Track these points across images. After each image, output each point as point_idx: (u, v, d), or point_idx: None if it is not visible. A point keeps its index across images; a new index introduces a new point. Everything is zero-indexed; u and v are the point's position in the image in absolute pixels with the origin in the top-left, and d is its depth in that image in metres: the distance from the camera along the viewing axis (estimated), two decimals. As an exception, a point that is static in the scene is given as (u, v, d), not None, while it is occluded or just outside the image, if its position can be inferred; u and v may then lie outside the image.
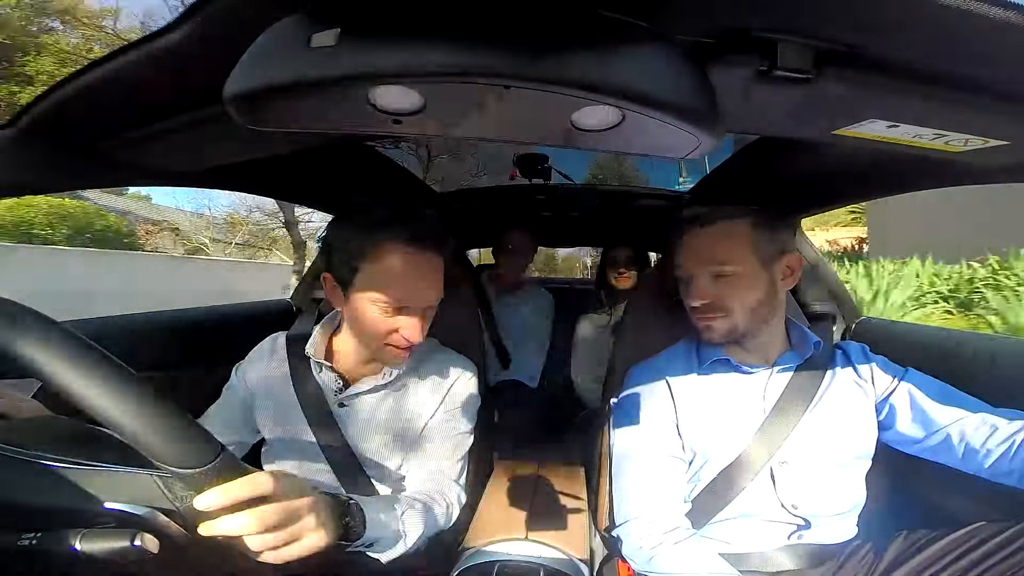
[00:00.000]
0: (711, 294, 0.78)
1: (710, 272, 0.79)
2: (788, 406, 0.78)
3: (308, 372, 0.81)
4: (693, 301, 0.80)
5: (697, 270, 0.80)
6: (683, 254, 0.82)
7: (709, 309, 0.79)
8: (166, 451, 0.37)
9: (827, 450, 0.77)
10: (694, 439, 0.80)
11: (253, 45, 0.36)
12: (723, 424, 0.79)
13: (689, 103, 0.37)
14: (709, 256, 0.79)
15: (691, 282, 0.81)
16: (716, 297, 0.78)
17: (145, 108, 0.55)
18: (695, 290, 0.80)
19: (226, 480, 0.40)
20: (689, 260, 0.81)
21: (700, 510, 0.78)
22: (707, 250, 0.79)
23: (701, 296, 0.79)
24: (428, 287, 0.72)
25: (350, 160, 1.12)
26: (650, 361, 0.91)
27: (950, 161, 0.58)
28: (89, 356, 0.35)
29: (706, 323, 0.80)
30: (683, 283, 0.83)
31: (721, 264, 0.78)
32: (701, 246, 0.80)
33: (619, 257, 1.78)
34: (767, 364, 0.82)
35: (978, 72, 0.41)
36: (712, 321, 0.79)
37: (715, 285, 0.78)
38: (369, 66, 0.33)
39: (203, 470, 0.39)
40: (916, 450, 0.77)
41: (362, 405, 0.81)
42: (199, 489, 0.39)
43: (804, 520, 0.75)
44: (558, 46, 0.33)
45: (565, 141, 0.43)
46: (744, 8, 0.37)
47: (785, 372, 0.81)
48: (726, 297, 0.78)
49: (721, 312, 0.78)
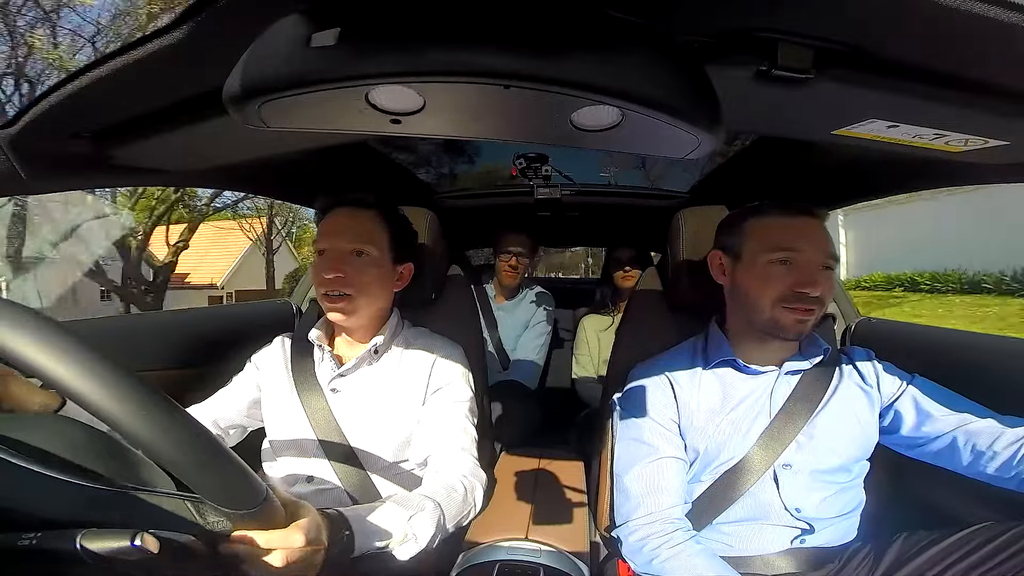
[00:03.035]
0: (822, 284, 0.73)
1: (824, 262, 0.75)
2: (794, 409, 0.78)
3: (307, 362, 0.87)
4: (811, 289, 0.73)
5: (814, 257, 0.74)
6: (792, 236, 0.75)
7: (818, 302, 0.74)
8: (218, 494, 0.40)
9: (831, 454, 0.76)
10: (697, 440, 0.80)
11: (253, 45, 0.36)
12: (727, 425, 0.79)
13: (689, 103, 0.37)
14: (826, 245, 0.75)
15: (801, 268, 0.74)
16: (824, 289, 0.74)
17: (145, 108, 0.55)
18: (811, 276, 0.73)
19: (264, 521, 0.43)
20: (804, 243, 0.75)
21: (702, 511, 0.78)
22: (823, 239, 0.75)
23: (818, 283, 0.73)
24: (339, 233, 0.82)
25: (350, 160, 1.12)
26: (653, 360, 0.90)
27: (950, 161, 0.58)
28: (154, 399, 0.36)
29: (804, 316, 0.74)
30: (783, 268, 0.75)
31: (831, 257, 0.75)
32: (817, 233, 0.76)
33: (623, 257, 1.80)
34: (775, 366, 0.81)
35: (978, 72, 0.41)
36: (810, 315, 0.74)
37: (824, 276, 0.74)
38: (369, 66, 0.33)
39: (247, 512, 0.41)
40: (920, 454, 0.76)
41: (352, 389, 0.85)
42: (239, 527, 0.43)
43: (807, 524, 0.75)
44: (558, 46, 0.33)
45: (565, 141, 0.43)
46: (744, 8, 0.37)
47: (793, 375, 0.81)
48: (827, 291, 0.74)
49: (820, 305, 0.74)
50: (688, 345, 0.90)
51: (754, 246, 0.78)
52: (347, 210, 0.83)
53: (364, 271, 0.80)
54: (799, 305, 0.73)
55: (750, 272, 0.78)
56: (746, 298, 0.79)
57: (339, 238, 0.81)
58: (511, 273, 1.79)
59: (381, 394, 0.84)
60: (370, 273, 0.81)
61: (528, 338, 1.84)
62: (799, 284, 0.73)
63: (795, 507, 0.75)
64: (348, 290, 0.79)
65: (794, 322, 0.74)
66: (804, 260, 0.74)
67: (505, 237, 1.77)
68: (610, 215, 1.86)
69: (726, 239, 0.84)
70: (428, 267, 0.98)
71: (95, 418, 0.34)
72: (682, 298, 0.97)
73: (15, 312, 0.33)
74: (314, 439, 0.81)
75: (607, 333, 1.83)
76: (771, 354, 0.82)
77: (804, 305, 0.73)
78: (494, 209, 1.77)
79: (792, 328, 0.75)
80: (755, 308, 0.77)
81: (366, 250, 0.81)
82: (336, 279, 0.78)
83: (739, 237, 0.81)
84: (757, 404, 0.80)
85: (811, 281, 0.72)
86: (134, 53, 0.43)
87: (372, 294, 0.82)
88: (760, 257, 0.77)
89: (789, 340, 0.78)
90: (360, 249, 0.80)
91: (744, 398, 0.80)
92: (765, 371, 0.81)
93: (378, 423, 0.83)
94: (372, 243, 0.81)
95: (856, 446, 0.78)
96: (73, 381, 0.33)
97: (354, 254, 0.80)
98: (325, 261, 0.80)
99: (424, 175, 1.61)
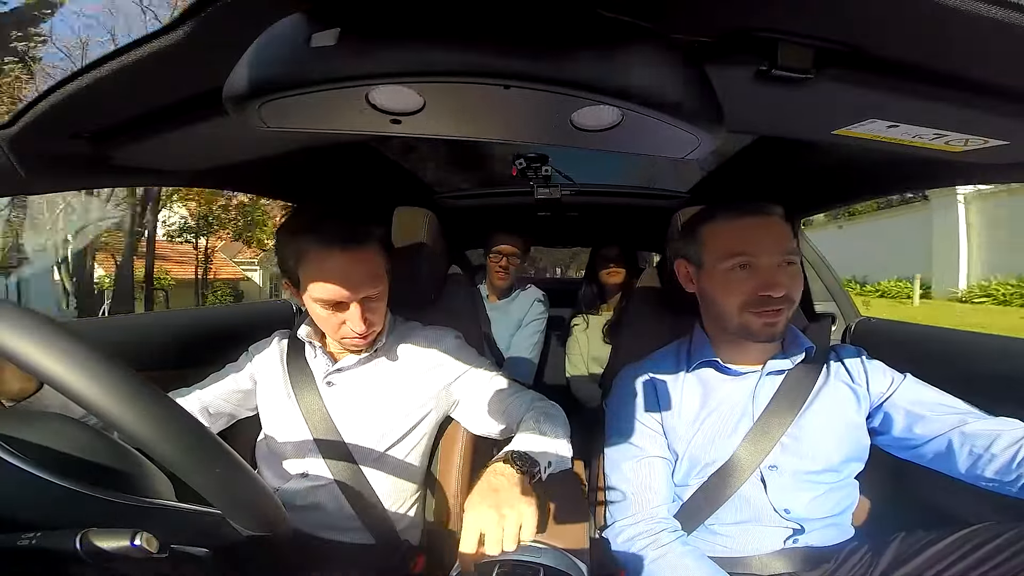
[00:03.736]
0: (784, 284, 0.71)
1: (782, 261, 0.72)
2: (778, 410, 0.77)
3: (301, 356, 0.88)
4: (773, 291, 0.71)
5: (770, 258, 0.72)
6: (746, 240, 0.74)
7: (784, 301, 0.72)
8: (242, 517, 0.40)
9: (817, 455, 0.75)
10: (681, 441, 0.79)
11: (253, 45, 0.36)
12: (711, 427, 0.78)
13: (689, 103, 0.37)
14: (781, 244, 0.73)
15: (759, 271, 0.73)
16: (787, 288, 0.71)
17: (145, 108, 0.55)
18: (771, 279, 0.71)
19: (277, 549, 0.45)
20: (759, 246, 0.73)
21: (692, 513, 0.78)
22: (778, 237, 0.73)
23: (780, 285, 0.71)
24: (357, 282, 0.74)
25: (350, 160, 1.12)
26: (641, 362, 0.90)
27: (950, 161, 0.58)
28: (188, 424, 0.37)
29: (772, 319, 0.72)
30: (743, 273, 0.74)
31: (790, 254, 0.73)
32: (771, 233, 0.74)
33: (609, 255, 1.83)
34: (757, 367, 0.80)
35: (978, 72, 0.41)
36: (778, 316, 0.72)
37: (785, 275, 0.72)
38: (369, 66, 0.33)
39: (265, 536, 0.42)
40: (914, 456, 0.75)
41: (348, 384, 0.85)
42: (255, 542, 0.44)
43: (798, 525, 0.75)
44: (558, 46, 0.33)
45: (565, 141, 0.43)
46: (744, 8, 0.37)
47: (775, 376, 0.80)
48: (794, 288, 0.72)
49: (789, 304, 0.72)
50: (674, 347, 0.90)
51: (711, 254, 0.77)
52: (352, 254, 0.74)
53: (379, 308, 0.80)
54: (764, 308, 0.72)
55: (712, 280, 0.77)
56: (714, 305, 0.78)
57: (354, 290, 0.74)
58: (502, 274, 1.78)
59: (378, 388, 0.85)
60: (382, 304, 0.81)
61: (522, 336, 1.83)
62: (761, 287, 0.71)
63: (784, 508, 0.75)
64: (373, 331, 0.80)
65: (763, 326, 0.73)
66: (762, 262, 0.72)
67: (496, 237, 1.76)
68: (610, 215, 1.86)
69: (686, 247, 0.82)
70: (427, 268, 0.98)
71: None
72: (681, 298, 0.97)
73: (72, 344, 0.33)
74: (308, 434, 0.82)
75: (596, 331, 1.84)
76: (752, 355, 0.81)
77: (770, 308, 0.72)
78: (494, 209, 1.77)
79: (762, 332, 0.74)
80: (723, 315, 0.77)
81: (379, 289, 0.78)
82: (369, 333, 0.78)
83: (697, 245, 0.80)
84: (740, 406, 0.79)
85: (772, 283, 0.71)
86: (134, 53, 0.43)
87: (384, 315, 0.83)
88: (719, 265, 0.75)
89: (764, 343, 0.77)
90: (375, 294, 0.77)
91: (727, 399, 0.80)
92: (747, 372, 0.80)
93: (374, 417, 0.83)
94: (381, 280, 0.78)
95: (844, 446, 0.77)
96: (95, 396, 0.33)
97: (370, 299, 0.77)
98: (342, 313, 0.75)
99: (424, 175, 1.61)
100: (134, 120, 0.57)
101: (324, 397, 0.84)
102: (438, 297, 1.06)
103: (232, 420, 0.91)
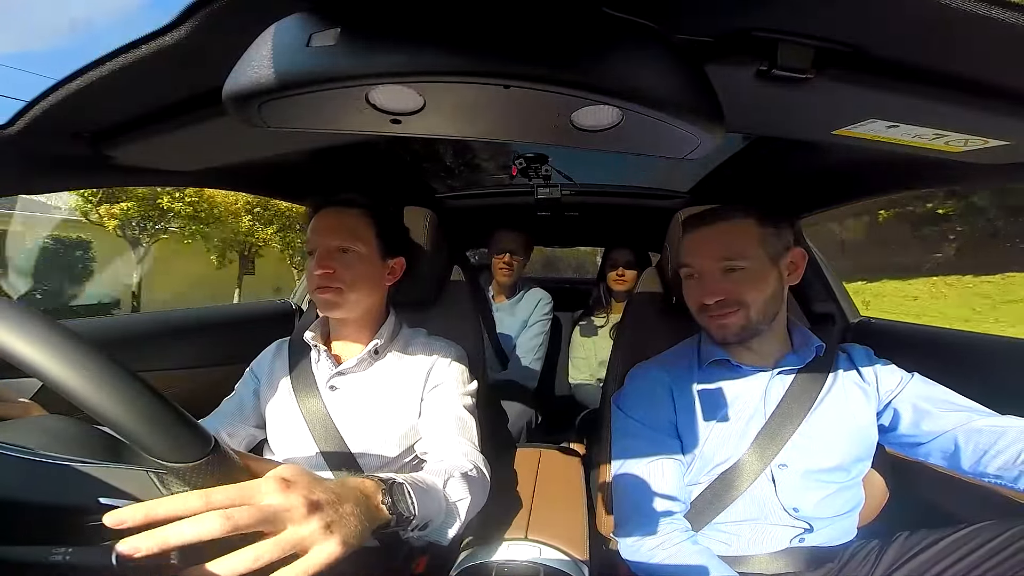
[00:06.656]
0: (724, 289, 0.76)
1: (721, 267, 0.77)
2: (789, 409, 0.78)
3: (305, 360, 0.88)
4: (706, 298, 0.77)
5: (707, 265, 0.78)
6: (689, 251, 0.81)
7: (724, 305, 0.76)
8: (157, 444, 0.36)
9: (827, 454, 0.76)
10: (693, 441, 0.80)
11: (253, 44, 0.36)
12: (723, 426, 0.79)
13: (689, 103, 0.36)
14: (719, 251, 0.77)
15: (702, 279, 0.79)
16: (729, 292, 0.76)
17: (145, 108, 0.55)
18: (707, 286, 0.77)
19: (222, 477, 0.38)
20: (698, 256, 0.79)
21: (701, 512, 0.78)
22: (716, 245, 0.77)
23: (714, 292, 0.76)
24: (328, 229, 0.84)
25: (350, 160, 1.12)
26: (650, 361, 0.90)
27: (950, 161, 0.58)
28: (82, 351, 0.34)
29: (720, 321, 0.77)
30: (692, 281, 0.81)
31: (731, 259, 0.76)
32: (710, 241, 0.79)
33: (618, 259, 1.80)
34: (768, 366, 0.81)
35: (978, 72, 0.41)
36: (726, 318, 0.77)
37: (727, 280, 0.76)
38: (369, 66, 0.33)
39: (195, 465, 0.37)
40: (920, 453, 0.76)
41: (350, 389, 0.85)
42: (195, 486, 0.37)
43: (807, 524, 0.75)
44: (558, 46, 0.33)
45: (565, 141, 0.43)
46: (744, 8, 0.37)
47: (787, 375, 0.81)
48: (740, 291, 0.76)
49: (735, 307, 0.76)
50: (684, 346, 0.90)
51: (675, 265, 0.85)
52: (333, 210, 0.86)
53: (351, 266, 0.83)
54: (711, 313, 0.78)
55: (683, 288, 0.85)
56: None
57: (326, 237, 0.83)
58: (506, 271, 1.80)
59: (379, 393, 0.85)
60: (357, 268, 0.83)
61: (526, 337, 1.84)
62: (702, 295, 0.79)
63: (793, 507, 0.75)
64: (336, 284, 0.82)
65: (716, 327, 0.79)
66: (704, 270, 0.79)
67: (499, 235, 1.78)
68: (610, 215, 1.86)
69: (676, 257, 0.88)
70: (428, 267, 0.98)
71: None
72: (680, 298, 0.97)
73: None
74: (310, 437, 0.82)
75: (601, 335, 1.83)
76: (762, 353, 0.82)
77: (715, 312, 0.77)
78: (494, 209, 1.77)
79: (717, 333, 0.80)
80: (697, 319, 0.83)
81: (352, 247, 0.83)
82: (324, 275, 0.81)
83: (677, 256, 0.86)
84: (752, 404, 0.79)
85: (708, 291, 0.77)
86: (134, 53, 0.43)
87: (361, 288, 0.84)
88: (681, 275, 0.84)
89: (729, 344, 0.80)
90: (346, 246, 0.83)
91: (739, 398, 0.80)
92: (757, 370, 0.81)
93: (375, 421, 0.83)
94: (358, 240, 0.84)
95: (854, 445, 0.77)
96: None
97: (340, 251, 0.83)
98: (315, 260, 0.83)
99: (425, 175, 1.61)
100: (134, 120, 0.57)
101: (327, 402, 0.84)
102: (440, 297, 1.06)
103: (256, 440, 0.90)
